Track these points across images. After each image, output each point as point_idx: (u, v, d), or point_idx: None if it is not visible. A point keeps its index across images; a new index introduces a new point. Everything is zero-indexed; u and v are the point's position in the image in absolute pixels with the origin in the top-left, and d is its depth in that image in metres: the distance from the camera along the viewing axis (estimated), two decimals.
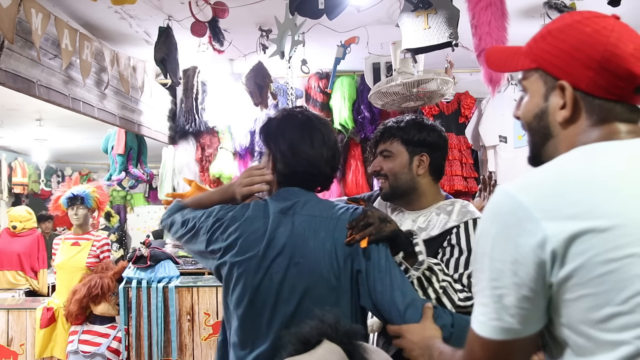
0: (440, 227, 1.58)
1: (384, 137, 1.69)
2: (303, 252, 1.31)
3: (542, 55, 0.89)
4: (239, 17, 2.99)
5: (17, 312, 3.72)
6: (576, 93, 0.85)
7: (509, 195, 0.80)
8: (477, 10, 2.36)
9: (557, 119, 0.88)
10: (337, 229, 1.33)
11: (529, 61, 0.91)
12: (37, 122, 5.34)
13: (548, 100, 0.89)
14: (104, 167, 7.52)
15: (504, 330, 0.79)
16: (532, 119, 0.92)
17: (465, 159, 3.93)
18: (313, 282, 1.29)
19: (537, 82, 0.90)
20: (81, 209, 3.68)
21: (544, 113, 0.90)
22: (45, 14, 2.25)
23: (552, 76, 0.88)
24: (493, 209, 0.82)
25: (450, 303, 1.37)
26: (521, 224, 0.76)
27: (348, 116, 3.97)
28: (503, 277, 0.78)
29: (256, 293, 1.31)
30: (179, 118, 4.19)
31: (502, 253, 0.78)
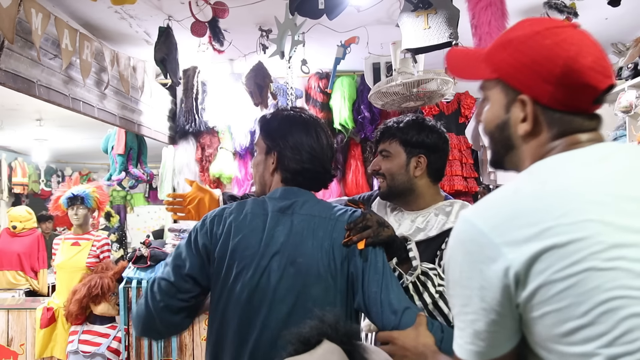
0: (438, 228, 1.58)
1: (384, 137, 1.70)
2: (301, 251, 1.31)
3: (503, 66, 0.88)
4: (239, 17, 2.99)
5: (17, 312, 3.72)
6: (536, 107, 0.86)
7: (469, 223, 0.81)
8: (477, 10, 2.36)
9: (518, 131, 0.88)
10: (336, 229, 1.33)
11: (489, 71, 0.91)
12: (37, 122, 5.34)
13: (509, 112, 0.89)
14: (104, 167, 7.52)
15: (478, 353, 0.81)
16: (493, 128, 0.93)
17: (465, 159, 3.92)
18: (310, 282, 1.29)
19: (498, 92, 0.90)
20: (81, 209, 3.68)
21: (505, 124, 0.90)
22: (45, 14, 2.25)
23: (513, 89, 0.87)
24: (456, 237, 0.83)
25: (448, 307, 1.36)
26: (483, 251, 0.78)
27: (348, 116, 3.97)
28: (472, 303, 0.80)
29: (254, 291, 1.31)
30: (179, 118, 4.19)
31: (469, 280, 0.80)
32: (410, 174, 1.65)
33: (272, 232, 1.34)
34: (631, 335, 0.70)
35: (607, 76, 0.83)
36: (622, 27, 3.31)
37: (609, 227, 0.73)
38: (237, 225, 1.36)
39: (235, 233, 1.35)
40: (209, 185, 4.21)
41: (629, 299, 0.70)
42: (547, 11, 2.87)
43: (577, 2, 2.79)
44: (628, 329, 0.70)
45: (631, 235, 0.73)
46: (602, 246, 0.72)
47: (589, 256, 0.72)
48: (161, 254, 3.21)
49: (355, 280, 1.31)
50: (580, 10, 2.82)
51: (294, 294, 1.29)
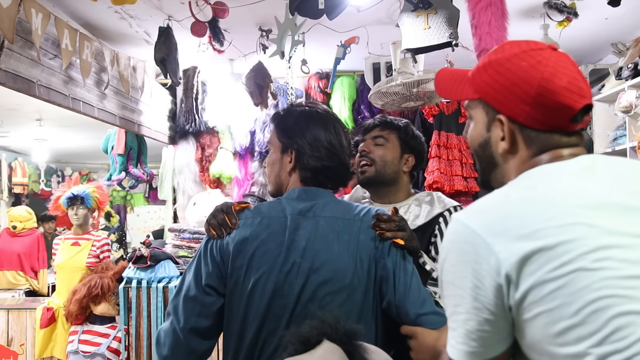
0: (424, 217, 1.67)
1: (384, 126, 1.76)
2: (326, 257, 1.25)
3: (483, 87, 0.92)
4: (239, 17, 2.99)
5: (17, 312, 3.72)
6: (514, 126, 0.89)
7: (461, 224, 0.83)
8: (477, 10, 2.36)
9: (498, 150, 0.92)
10: (362, 231, 1.29)
11: (472, 91, 0.95)
12: (37, 122, 5.34)
13: (490, 131, 0.93)
14: (104, 167, 7.52)
15: (469, 354, 0.82)
16: (477, 147, 0.97)
17: (465, 159, 3.92)
18: (335, 290, 1.24)
19: (481, 112, 0.94)
20: (81, 209, 3.68)
21: (487, 143, 0.94)
22: (45, 14, 2.25)
23: (493, 108, 0.91)
24: (450, 238, 0.85)
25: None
26: (475, 251, 0.80)
27: (348, 116, 3.97)
28: (464, 302, 0.81)
29: (274, 298, 1.24)
30: (179, 118, 4.19)
31: (463, 280, 0.81)
32: (400, 166, 1.73)
33: (292, 237, 1.27)
34: (620, 333, 0.71)
35: (582, 96, 0.86)
36: (622, 27, 3.31)
37: (595, 229, 0.76)
38: (254, 230, 1.29)
39: (252, 238, 1.28)
40: (209, 185, 4.22)
41: (617, 298, 0.72)
42: (547, 11, 2.87)
43: (577, 2, 2.79)
44: (617, 328, 0.71)
45: (617, 237, 0.76)
46: (589, 247, 0.75)
47: (578, 257, 0.74)
48: (161, 254, 3.21)
49: (384, 283, 1.27)
50: (580, 10, 2.82)
51: (317, 302, 1.23)
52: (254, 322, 1.26)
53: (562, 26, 2.90)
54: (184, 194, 4.22)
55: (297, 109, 1.41)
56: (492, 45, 2.31)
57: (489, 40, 2.33)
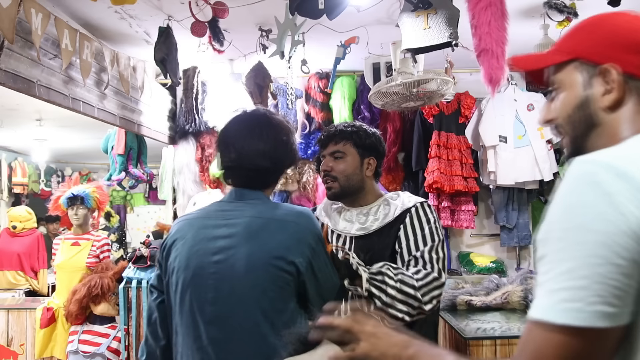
0: (392, 214, 1.73)
1: (336, 139, 1.80)
2: (241, 256, 1.33)
3: (577, 47, 0.89)
4: (239, 17, 2.99)
5: (17, 312, 3.72)
6: (620, 76, 0.85)
7: (607, 165, 0.72)
8: (477, 10, 2.36)
9: (601, 105, 0.86)
10: (279, 230, 1.36)
11: (564, 54, 0.91)
12: (37, 122, 5.34)
13: (589, 89, 0.88)
14: (104, 167, 7.51)
15: (605, 315, 0.68)
16: (572, 111, 0.90)
17: (465, 159, 3.92)
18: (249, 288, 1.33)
19: (574, 72, 0.90)
20: (81, 209, 3.68)
21: (586, 102, 0.88)
22: (45, 14, 2.25)
23: (592, 63, 0.87)
24: (586, 179, 0.73)
25: (412, 289, 1.52)
26: (625, 192, 0.69)
27: (348, 116, 3.97)
28: (606, 251, 0.68)
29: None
30: (179, 118, 4.19)
31: (606, 224, 0.68)
32: (363, 174, 1.79)
33: (217, 238, 1.39)
34: None
35: None
36: None
37: None
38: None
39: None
40: (209, 185, 4.22)
41: None
42: (547, 11, 2.87)
43: (577, 2, 2.79)
44: None
45: None
46: None
47: None
48: None
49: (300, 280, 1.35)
50: (580, 10, 2.82)
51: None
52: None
53: (562, 26, 2.90)
54: (184, 194, 4.22)
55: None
56: (492, 45, 2.32)
57: (488, 40, 2.33)
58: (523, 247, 4.13)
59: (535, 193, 4.11)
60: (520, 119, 3.88)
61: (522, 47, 3.28)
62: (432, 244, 1.65)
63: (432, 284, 1.56)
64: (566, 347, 0.69)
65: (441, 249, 1.67)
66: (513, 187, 3.95)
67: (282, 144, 1.46)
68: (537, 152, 3.81)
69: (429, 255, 1.63)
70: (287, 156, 1.47)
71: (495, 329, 2.39)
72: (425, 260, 1.62)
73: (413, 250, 1.65)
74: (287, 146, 1.47)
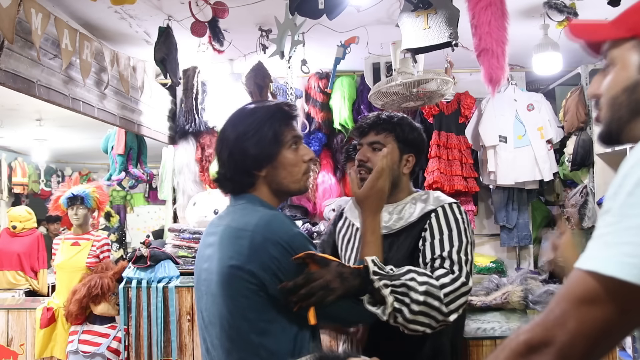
0: (418, 214, 1.62)
1: (378, 129, 1.67)
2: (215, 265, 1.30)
3: (637, 25, 0.84)
4: (239, 17, 2.99)
5: (17, 312, 3.72)
6: None
7: None
8: (477, 10, 2.36)
9: None
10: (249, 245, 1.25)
11: (623, 30, 0.86)
12: (37, 122, 5.34)
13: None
14: (104, 167, 7.51)
15: None
16: (620, 91, 0.86)
17: (465, 159, 3.92)
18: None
19: (631, 52, 0.85)
20: (81, 209, 3.68)
21: (637, 86, 0.84)
22: (45, 14, 2.25)
23: None
24: None
25: (438, 301, 1.36)
26: None
27: (348, 116, 3.97)
28: None
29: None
30: (179, 118, 4.19)
31: None
32: (400, 170, 1.67)
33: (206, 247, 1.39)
34: None
35: None
36: None
37: None
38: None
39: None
40: (209, 185, 4.22)
41: None
42: (547, 11, 2.87)
43: (577, 2, 2.79)
44: None
45: None
46: None
47: None
48: (161, 254, 3.21)
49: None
50: (580, 10, 2.82)
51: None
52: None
53: (562, 26, 2.90)
54: (184, 194, 4.22)
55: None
56: (492, 45, 2.32)
57: (489, 40, 2.33)
58: (523, 247, 4.13)
59: (535, 193, 4.11)
60: (520, 119, 3.88)
61: (522, 47, 3.29)
62: (460, 244, 1.51)
63: (460, 291, 1.41)
64: (616, 300, 0.68)
65: (470, 252, 1.53)
66: (513, 187, 3.95)
67: (228, 141, 1.35)
68: (537, 152, 3.81)
69: (458, 257, 1.48)
70: (239, 150, 1.32)
71: (495, 329, 2.39)
72: (453, 261, 1.47)
73: (438, 249, 1.51)
74: (237, 140, 1.33)
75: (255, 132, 1.32)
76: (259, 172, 1.34)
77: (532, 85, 4.31)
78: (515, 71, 4.04)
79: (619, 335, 0.74)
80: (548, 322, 0.73)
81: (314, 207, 4.09)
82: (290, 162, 1.35)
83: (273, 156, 1.33)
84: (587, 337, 0.70)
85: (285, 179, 1.35)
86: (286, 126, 1.36)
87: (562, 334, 0.71)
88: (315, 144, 4.05)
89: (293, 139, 1.36)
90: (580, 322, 0.70)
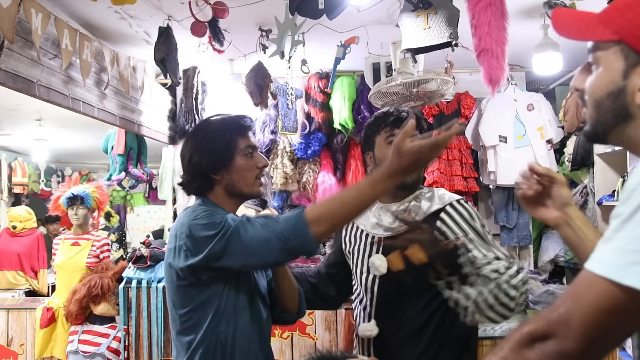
0: (422, 214, 1.59)
1: (418, 124, 1.62)
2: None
3: (627, 27, 0.80)
4: (239, 17, 2.99)
5: (17, 312, 3.72)
6: None
7: None
8: (477, 10, 2.36)
9: (637, 100, 0.80)
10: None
11: (609, 32, 0.82)
12: (37, 122, 5.34)
13: (627, 79, 0.81)
14: (104, 167, 7.51)
15: None
16: (604, 96, 0.84)
17: (465, 159, 3.92)
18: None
19: (616, 56, 0.82)
20: (81, 209, 3.68)
21: (621, 92, 0.82)
22: (45, 14, 2.25)
23: (637, 53, 0.80)
24: None
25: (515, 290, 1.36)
26: None
27: (348, 116, 3.97)
28: None
29: None
30: (179, 118, 4.19)
31: None
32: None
33: None
34: None
35: None
36: None
37: None
38: None
39: None
40: None
41: None
42: (547, 11, 2.87)
43: (577, 2, 2.79)
44: None
45: None
46: None
47: None
48: (161, 254, 3.20)
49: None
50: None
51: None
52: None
53: None
54: (184, 194, 4.21)
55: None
56: (492, 45, 2.32)
57: (488, 40, 2.33)
58: (523, 247, 4.13)
59: None
60: (520, 119, 3.88)
61: (522, 47, 3.29)
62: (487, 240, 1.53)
63: (523, 279, 1.41)
64: (626, 308, 0.68)
65: (492, 239, 1.55)
66: (513, 187, 3.94)
67: (190, 149, 1.51)
68: (537, 152, 3.81)
69: (499, 251, 1.48)
70: (198, 156, 1.48)
71: (495, 329, 2.39)
72: (500, 257, 1.45)
73: (479, 254, 1.46)
74: (195, 148, 1.50)
75: (209, 142, 1.48)
76: (216, 175, 1.48)
77: (532, 85, 4.31)
78: (515, 71, 4.04)
79: (622, 338, 0.75)
80: (552, 317, 0.74)
81: None
82: (243, 167, 1.49)
83: (227, 161, 1.48)
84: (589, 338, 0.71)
85: (239, 182, 1.49)
86: (240, 136, 1.50)
87: (564, 330, 0.72)
88: (315, 144, 4.05)
89: (247, 148, 1.50)
90: (585, 324, 0.71)
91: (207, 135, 1.49)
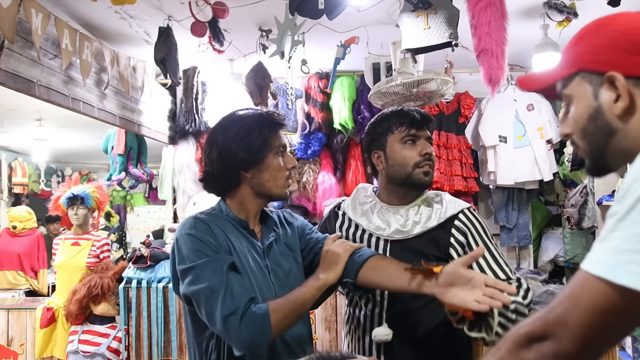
0: (437, 219, 1.58)
1: (429, 125, 1.67)
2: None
3: (579, 58, 0.88)
4: (239, 17, 2.99)
5: (17, 312, 3.72)
6: (628, 81, 0.82)
7: None
8: (477, 10, 2.36)
9: (614, 112, 0.84)
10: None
11: (566, 68, 0.90)
12: (37, 122, 5.34)
13: (599, 98, 0.86)
14: (104, 167, 7.51)
15: None
16: (586, 122, 0.88)
17: (465, 159, 3.92)
18: None
19: (581, 84, 0.89)
20: (81, 209, 3.68)
21: (598, 111, 0.86)
22: (45, 14, 2.25)
23: (597, 73, 0.86)
24: None
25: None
26: None
27: (348, 116, 3.97)
28: None
29: None
30: (179, 118, 4.19)
31: None
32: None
33: None
34: None
35: None
36: None
37: None
38: None
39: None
40: None
41: None
42: (546, 11, 2.87)
43: (577, 2, 2.79)
44: None
45: None
46: None
47: None
48: (161, 254, 3.21)
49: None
50: (580, 11, 2.82)
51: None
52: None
53: (562, 26, 2.90)
54: (184, 194, 4.22)
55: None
56: (492, 45, 2.32)
57: (488, 40, 2.33)
58: (523, 247, 4.13)
59: (535, 193, 4.11)
60: (520, 119, 3.88)
61: (522, 47, 3.29)
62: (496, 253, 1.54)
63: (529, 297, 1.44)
64: (622, 308, 0.69)
65: (502, 252, 1.57)
66: (513, 187, 3.95)
67: (218, 143, 1.42)
68: (537, 152, 3.82)
69: (508, 268, 1.51)
70: (228, 151, 1.39)
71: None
72: (508, 274, 1.48)
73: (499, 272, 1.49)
74: (226, 142, 1.40)
75: (244, 136, 1.38)
76: (246, 172, 1.40)
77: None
78: (515, 71, 4.04)
79: (619, 338, 0.77)
80: (549, 318, 0.75)
81: (314, 207, 4.10)
82: (275, 166, 1.42)
83: (260, 159, 1.39)
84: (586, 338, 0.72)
85: (269, 182, 1.41)
86: (274, 133, 1.42)
87: (561, 331, 0.73)
88: (315, 144, 4.05)
89: (279, 146, 1.43)
90: (581, 325, 0.72)
91: (242, 129, 1.38)
